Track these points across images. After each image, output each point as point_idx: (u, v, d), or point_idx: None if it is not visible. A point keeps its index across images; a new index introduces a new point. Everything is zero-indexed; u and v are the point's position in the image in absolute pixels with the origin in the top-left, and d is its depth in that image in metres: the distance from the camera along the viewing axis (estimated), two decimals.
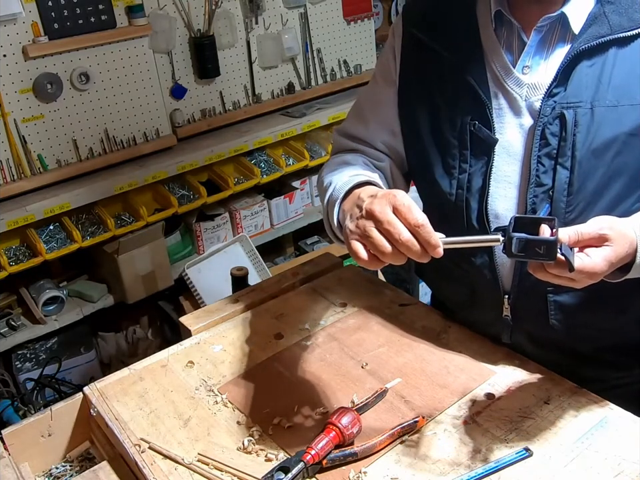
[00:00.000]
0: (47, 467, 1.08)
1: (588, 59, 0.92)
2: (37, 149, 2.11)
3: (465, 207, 1.01)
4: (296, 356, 1.10)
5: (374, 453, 0.88)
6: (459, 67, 1.00)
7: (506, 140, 0.98)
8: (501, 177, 0.99)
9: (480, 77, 0.98)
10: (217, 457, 0.89)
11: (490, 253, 1.01)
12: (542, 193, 0.95)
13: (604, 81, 0.91)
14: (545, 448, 0.86)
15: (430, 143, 1.05)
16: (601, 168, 0.92)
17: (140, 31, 2.17)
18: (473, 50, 1.00)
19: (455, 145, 1.01)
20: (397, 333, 1.13)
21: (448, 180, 1.02)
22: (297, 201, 2.63)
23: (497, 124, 0.98)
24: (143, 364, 1.12)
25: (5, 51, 1.98)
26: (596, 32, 0.91)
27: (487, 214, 0.99)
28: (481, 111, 0.98)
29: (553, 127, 0.93)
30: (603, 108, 0.91)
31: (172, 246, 2.38)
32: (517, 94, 0.97)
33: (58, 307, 2.16)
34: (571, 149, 0.92)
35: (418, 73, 1.07)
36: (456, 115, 1.00)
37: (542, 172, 0.95)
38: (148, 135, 2.32)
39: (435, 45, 1.03)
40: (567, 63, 0.92)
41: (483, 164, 0.99)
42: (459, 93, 1.00)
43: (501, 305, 1.03)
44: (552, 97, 0.93)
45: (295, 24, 2.59)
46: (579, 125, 0.92)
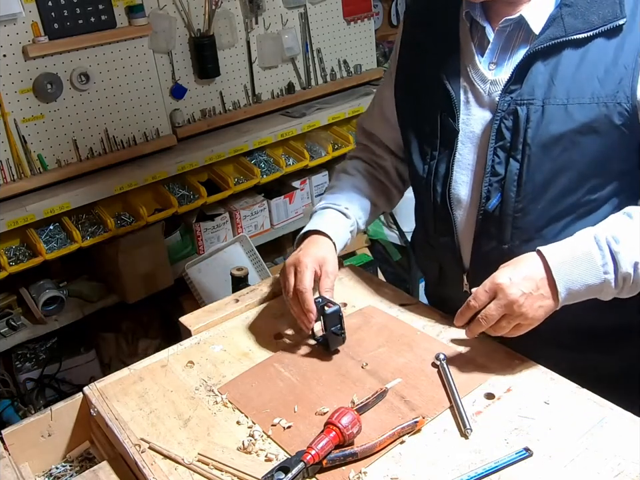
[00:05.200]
0: (47, 467, 1.08)
1: (543, 59, 0.98)
2: (37, 149, 2.11)
3: (432, 190, 1.11)
4: (296, 356, 1.10)
5: (374, 453, 0.88)
6: (436, 61, 1.09)
7: (470, 130, 1.06)
8: (464, 164, 1.08)
9: (452, 71, 1.07)
10: (217, 457, 0.89)
11: (452, 234, 1.11)
12: (496, 182, 1.03)
13: (556, 81, 0.97)
14: (545, 448, 0.86)
15: (412, 132, 1.15)
16: (549, 162, 0.99)
17: (140, 31, 2.17)
18: (451, 46, 1.08)
19: (429, 134, 1.11)
20: (397, 333, 1.13)
21: (422, 165, 1.13)
22: (296, 201, 2.63)
23: (463, 115, 1.07)
24: (142, 364, 1.12)
25: (5, 51, 1.98)
26: (552, 34, 0.97)
27: (450, 197, 1.09)
28: (449, 103, 1.07)
29: (507, 122, 1.00)
30: (553, 106, 0.97)
31: (172, 246, 2.38)
32: (482, 89, 1.05)
33: (58, 307, 2.16)
34: (522, 142, 0.99)
35: (410, 68, 1.16)
36: (431, 106, 1.10)
37: (497, 162, 1.02)
38: (148, 135, 2.32)
39: (424, 41, 1.13)
40: (523, 62, 0.99)
41: (449, 152, 1.08)
42: (435, 86, 1.09)
43: (461, 280, 1.14)
44: (509, 94, 1.00)
45: (295, 24, 2.59)
46: (530, 121, 0.98)
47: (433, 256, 1.20)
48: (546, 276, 0.93)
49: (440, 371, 1.01)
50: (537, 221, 1.03)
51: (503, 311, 0.94)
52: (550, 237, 1.02)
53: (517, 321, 0.94)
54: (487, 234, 1.07)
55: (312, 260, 1.09)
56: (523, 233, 1.04)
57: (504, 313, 0.94)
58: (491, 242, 1.07)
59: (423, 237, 1.22)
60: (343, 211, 1.22)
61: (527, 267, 0.94)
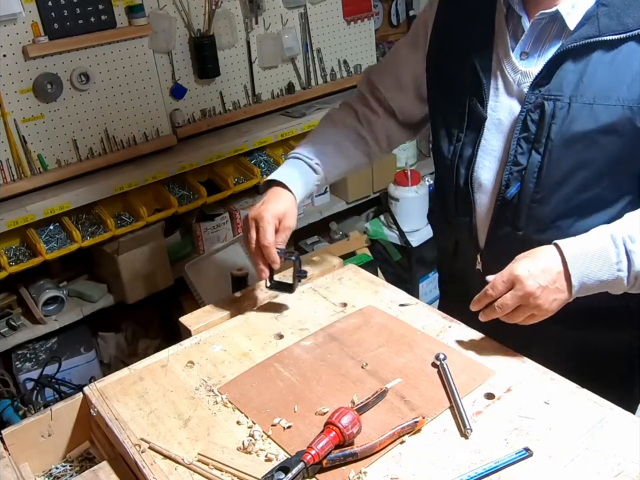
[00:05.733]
0: (47, 467, 1.08)
1: (574, 57, 0.99)
2: (37, 149, 2.11)
3: (456, 171, 1.14)
4: (296, 356, 1.10)
5: (374, 453, 0.88)
6: (470, 46, 1.10)
7: (497, 117, 1.09)
8: (489, 149, 1.10)
9: (485, 58, 1.08)
10: (217, 457, 0.89)
11: (471, 216, 1.15)
12: (516, 171, 1.06)
13: (585, 80, 0.99)
14: (545, 448, 0.86)
15: (440, 111, 1.18)
16: (569, 158, 1.02)
17: (140, 31, 2.17)
18: (485, 32, 1.09)
19: (456, 117, 1.13)
20: (397, 332, 1.13)
21: (447, 146, 1.15)
22: None
23: (492, 102, 1.09)
24: (142, 364, 1.12)
25: (5, 51, 1.98)
26: (585, 33, 0.98)
27: (472, 181, 1.12)
28: (479, 89, 1.09)
29: (533, 115, 1.03)
30: (579, 104, 0.99)
31: (172, 246, 2.38)
32: (512, 78, 1.07)
33: (58, 307, 2.16)
34: (546, 136, 1.02)
35: (443, 48, 1.18)
36: (461, 89, 1.12)
37: (519, 153, 1.05)
38: (148, 135, 2.32)
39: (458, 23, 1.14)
40: (554, 59, 1.01)
41: (475, 136, 1.11)
42: (466, 70, 1.11)
43: (475, 259, 1.19)
44: (538, 87, 1.02)
45: (294, 24, 2.59)
46: (555, 117, 1.01)
47: (450, 232, 1.25)
48: (562, 269, 0.96)
49: (440, 371, 1.01)
50: (552, 212, 1.06)
51: (518, 301, 0.97)
52: (563, 229, 1.06)
53: (532, 312, 0.97)
54: (504, 219, 1.10)
55: (272, 215, 1.16)
56: (537, 222, 1.07)
57: (520, 303, 0.97)
58: (506, 227, 1.10)
59: (442, 214, 1.26)
60: (312, 165, 1.26)
61: (544, 260, 0.97)
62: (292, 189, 1.22)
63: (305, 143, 1.31)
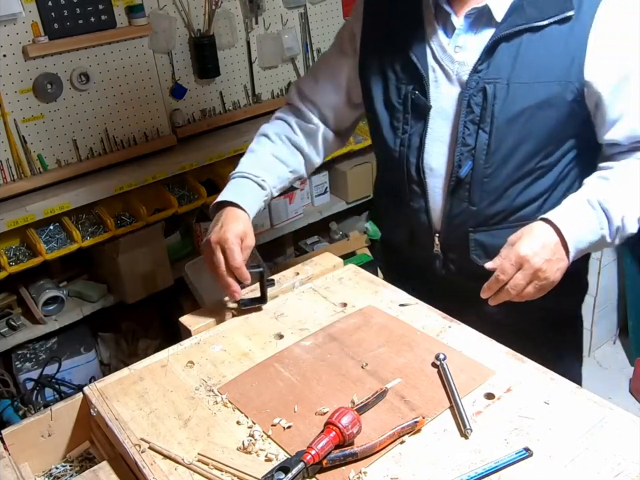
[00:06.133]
0: (47, 467, 1.08)
1: (507, 42, 1.11)
2: (37, 149, 2.11)
3: (406, 161, 1.22)
4: (296, 356, 1.10)
5: (374, 453, 0.88)
6: (405, 44, 1.19)
7: (440, 106, 1.18)
8: (435, 137, 1.19)
9: (421, 53, 1.18)
10: (217, 457, 0.89)
11: (425, 199, 1.23)
12: (467, 151, 1.16)
13: (519, 63, 1.10)
14: (545, 448, 0.86)
15: (381, 107, 1.25)
16: (513, 133, 1.13)
17: (140, 31, 2.17)
18: (417, 31, 1.19)
19: (400, 109, 1.21)
20: (397, 333, 1.13)
21: (393, 138, 1.23)
22: (296, 201, 2.63)
23: (433, 93, 1.18)
24: (142, 364, 1.12)
25: (5, 51, 1.98)
26: (514, 21, 1.10)
27: (423, 167, 1.21)
28: (420, 82, 1.18)
29: (476, 98, 1.13)
30: (517, 84, 1.11)
31: (172, 246, 2.38)
32: (450, 69, 1.16)
33: (58, 307, 2.16)
34: (490, 116, 1.13)
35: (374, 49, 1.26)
36: (401, 84, 1.21)
37: (467, 134, 1.15)
38: (148, 135, 2.32)
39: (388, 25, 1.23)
40: (489, 46, 1.11)
41: (421, 126, 1.19)
42: (404, 66, 1.20)
43: (432, 242, 1.26)
44: (477, 73, 1.13)
45: (294, 24, 2.59)
46: (497, 98, 1.12)
47: (404, 222, 1.31)
48: (559, 240, 1.06)
49: (440, 371, 1.01)
50: (502, 184, 1.17)
51: (529, 279, 1.05)
52: (513, 197, 1.18)
53: (541, 284, 1.06)
54: (459, 197, 1.20)
55: (235, 236, 1.18)
56: (489, 195, 1.18)
57: (530, 280, 1.05)
58: (461, 204, 1.20)
59: (394, 207, 1.32)
60: (259, 182, 1.29)
61: (542, 236, 1.06)
62: (245, 208, 1.24)
63: (246, 161, 1.33)
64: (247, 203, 1.25)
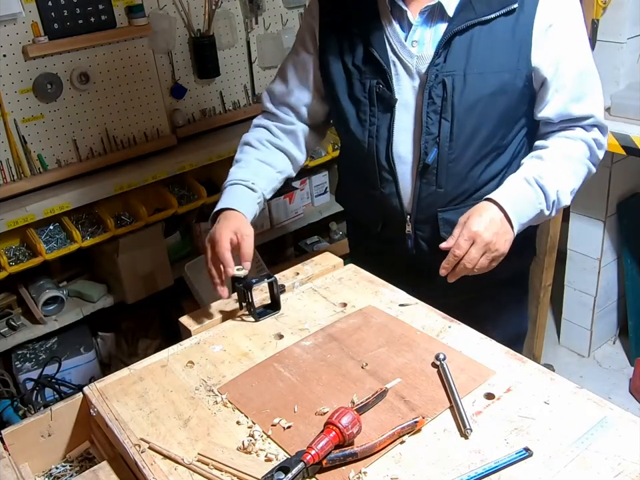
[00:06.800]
0: (46, 467, 1.08)
1: (460, 36, 1.19)
2: (37, 149, 2.11)
3: (375, 151, 1.30)
4: (296, 356, 1.10)
5: (374, 453, 0.88)
6: (365, 41, 1.26)
7: (404, 99, 1.26)
8: (401, 127, 1.27)
9: (381, 49, 1.25)
10: (217, 457, 0.89)
11: (396, 185, 1.31)
12: (431, 139, 1.25)
13: (472, 55, 1.19)
14: (545, 448, 0.86)
15: (346, 101, 1.31)
16: (472, 119, 1.23)
17: (140, 30, 2.17)
18: (375, 27, 1.25)
19: (366, 103, 1.28)
20: (397, 332, 1.13)
21: (361, 130, 1.30)
22: (296, 201, 2.63)
23: (396, 86, 1.25)
24: (142, 364, 1.12)
25: (5, 51, 1.98)
26: (465, 16, 1.19)
27: (392, 156, 1.29)
28: (383, 76, 1.25)
29: (437, 90, 1.22)
30: (472, 75, 1.20)
31: (172, 246, 2.38)
32: (410, 63, 1.24)
33: (58, 306, 2.16)
34: (450, 106, 1.21)
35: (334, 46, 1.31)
36: (365, 78, 1.27)
37: (430, 124, 1.24)
38: (148, 135, 2.32)
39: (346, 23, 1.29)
40: (444, 41, 1.20)
41: (387, 117, 1.27)
42: (366, 61, 1.27)
43: (404, 222, 1.35)
44: (435, 66, 1.21)
45: (294, 24, 2.58)
46: (455, 89, 1.20)
47: (376, 206, 1.38)
48: (503, 215, 1.17)
49: (440, 371, 1.01)
50: (466, 166, 1.27)
51: (482, 251, 1.15)
52: (475, 178, 1.29)
53: (493, 255, 1.16)
54: (427, 182, 1.29)
55: (227, 231, 1.23)
56: (455, 177, 1.28)
57: (483, 252, 1.15)
58: (430, 188, 1.29)
59: (364, 191, 1.39)
60: (250, 186, 1.35)
61: (488, 213, 1.17)
62: (238, 209, 1.29)
63: (234, 170, 1.39)
64: (240, 204, 1.30)
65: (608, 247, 2.52)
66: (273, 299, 1.24)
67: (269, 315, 1.23)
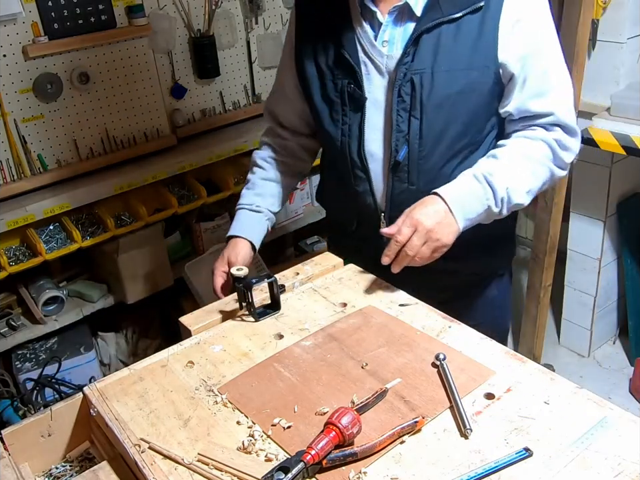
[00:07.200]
0: (46, 467, 1.08)
1: (427, 34, 1.21)
2: (37, 149, 2.11)
3: (348, 149, 1.32)
4: (296, 356, 1.10)
5: (374, 453, 0.88)
6: (337, 43, 1.29)
7: (374, 97, 1.27)
8: (372, 125, 1.29)
9: (352, 50, 1.27)
10: (217, 457, 0.89)
11: (369, 183, 1.33)
12: (402, 137, 1.26)
13: (440, 53, 1.20)
14: (545, 448, 0.86)
15: (320, 102, 1.34)
16: (441, 117, 1.23)
17: (140, 30, 2.17)
18: (347, 30, 1.28)
19: (338, 102, 1.31)
20: (397, 333, 1.13)
21: (335, 129, 1.33)
22: (296, 201, 2.63)
23: (366, 86, 1.27)
24: (142, 364, 1.12)
25: (5, 51, 1.98)
26: (432, 16, 1.20)
27: (364, 154, 1.31)
28: (354, 76, 1.27)
29: (405, 88, 1.23)
30: (439, 73, 1.21)
31: (172, 246, 2.38)
32: (380, 62, 1.26)
33: (58, 306, 2.16)
34: (419, 104, 1.22)
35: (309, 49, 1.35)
36: (337, 79, 1.30)
37: (400, 122, 1.25)
38: (148, 135, 2.32)
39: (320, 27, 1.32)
40: (411, 40, 1.21)
41: (358, 116, 1.29)
42: (338, 63, 1.29)
43: (379, 220, 1.36)
44: (404, 65, 1.22)
45: None
46: (423, 87, 1.21)
47: (352, 204, 1.40)
48: (447, 208, 1.17)
49: (440, 371, 1.01)
50: (436, 163, 1.27)
51: (423, 239, 1.15)
52: (447, 174, 1.28)
53: (435, 244, 1.16)
54: (399, 179, 1.30)
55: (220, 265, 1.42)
56: (427, 174, 1.28)
57: (424, 240, 1.16)
58: (402, 185, 1.30)
59: (340, 189, 1.41)
60: (254, 209, 1.47)
61: (432, 205, 1.18)
62: (242, 235, 1.44)
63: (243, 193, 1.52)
64: (244, 230, 1.45)
65: (608, 247, 2.52)
66: (273, 299, 1.24)
67: (269, 314, 1.23)
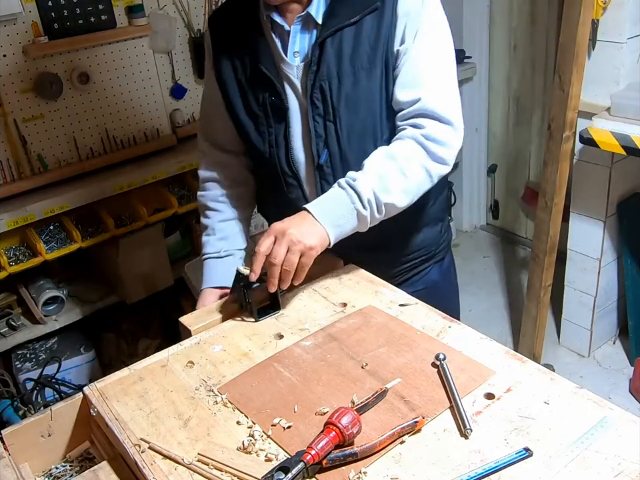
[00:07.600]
0: (46, 467, 1.08)
1: (330, 42, 1.25)
2: (37, 149, 2.11)
3: (277, 159, 1.36)
4: (296, 356, 1.10)
5: (374, 453, 0.88)
6: (253, 58, 1.32)
7: (294, 107, 1.32)
8: (295, 133, 1.33)
9: (268, 63, 1.30)
10: (217, 457, 0.89)
11: (301, 187, 1.37)
12: (321, 142, 1.31)
13: (343, 57, 1.24)
14: (545, 448, 0.86)
15: (244, 116, 1.38)
16: (352, 119, 1.28)
17: (140, 30, 2.17)
18: (261, 45, 1.31)
19: (262, 116, 1.34)
20: (397, 333, 1.13)
21: (261, 141, 1.36)
22: None
23: (285, 96, 1.31)
24: (142, 364, 1.12)
25: (5, 51, 1.98)
26: (332, 23, 1.24)
27: (293, 160, 1.35)
28: (273, 88, 1.31)
29: (317, 95, 1.27)
30: (345, 75, 1.25)
31: (172, 246, 2.38)
32: (291, 74, 1.30)
33: (58, 306, 2.17)
34: (331, 108, 1.27)
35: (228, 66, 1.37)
36: (258, 93, 1.33)
37: (318, 127, 1.30)
38: (148, 135, 2.33)
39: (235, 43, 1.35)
40: (314, 49, 1.25)
41: (282, 126, 1.33)
42: (257, 77, 1.32)
43: None
44: (312, 73, 1.26)
45: None
46: (332, 91, 1.26)
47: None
48: (312, 217, 1.18)
49: (440, 371, 1.01)
50: (356, 163, 1.27)
51: (285, 245, 1.14)
52: None
53: (298, 248, 1.13)
54: (326, 181, 1.34)
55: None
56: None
57: (287, 246, 1.14)
58: (329, 186, 1.28)
59: (274, 197, 1.45)
60: (221, 255, 1.46)
61: (295, 217, 1.19)
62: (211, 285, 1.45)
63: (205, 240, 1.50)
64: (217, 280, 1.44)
65: (608, 246, 2.52)
66: (273, 298, 1.24)
67: (269, 315, 1.23)
